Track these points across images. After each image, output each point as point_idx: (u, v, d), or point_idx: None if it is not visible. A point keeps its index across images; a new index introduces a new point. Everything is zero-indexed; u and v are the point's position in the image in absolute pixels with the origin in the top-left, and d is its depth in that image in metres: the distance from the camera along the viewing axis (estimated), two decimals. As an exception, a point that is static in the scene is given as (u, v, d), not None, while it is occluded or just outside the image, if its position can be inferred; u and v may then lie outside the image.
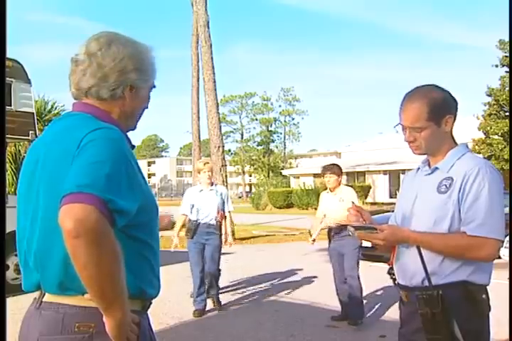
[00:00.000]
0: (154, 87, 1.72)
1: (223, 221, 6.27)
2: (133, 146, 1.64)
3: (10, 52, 6.21)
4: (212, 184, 6.22)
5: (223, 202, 6.27)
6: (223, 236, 6.32)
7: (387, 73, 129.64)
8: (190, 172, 28.07)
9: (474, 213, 1.99)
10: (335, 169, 5.79)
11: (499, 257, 8.03)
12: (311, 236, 6.18)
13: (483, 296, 2.04)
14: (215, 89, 15.36)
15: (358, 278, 5.66)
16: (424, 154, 2.20)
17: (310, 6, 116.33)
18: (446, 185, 2.06)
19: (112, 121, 1.58)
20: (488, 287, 2.11)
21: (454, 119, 2.13)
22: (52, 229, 1.32)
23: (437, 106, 2.07)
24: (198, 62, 19.18)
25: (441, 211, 2.04)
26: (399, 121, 2.15)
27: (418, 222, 2.10)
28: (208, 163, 6.17)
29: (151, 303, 1.63)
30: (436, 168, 2.14)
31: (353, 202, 2.32)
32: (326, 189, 5.96)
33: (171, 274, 8.17)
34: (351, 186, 6.88)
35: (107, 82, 1.58)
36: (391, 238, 2.06)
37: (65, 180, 1.36)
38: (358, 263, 5.72)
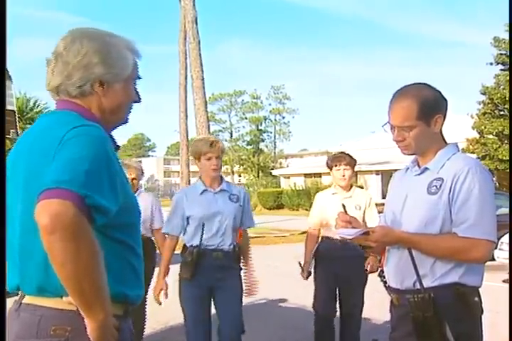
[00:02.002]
0: (139, 78, 1.72)
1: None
2: (117, 147, 1.65)
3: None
4: (222, 180, 3.69)
5: (242, 213, 3.68)
6: (243, 273, 3.79)
7: (380, 71, 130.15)
8: (178, 172, 28.02)
9: (465, 214, 2.01)
10: (349, 159, 4.17)
11: (493, 259, 8.08)
12: (302, 269, 4.33)
13: (476, 298, 2.06)
14: (204, 87, 15.37)
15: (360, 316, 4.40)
16: (413, 154, 2.22)
17: (302, 1, 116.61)
18: (436, 186, 2.08)
19: (94, 118, 1.59)
20: (482, 290, 2.14)
21: (444, 119, 2.15)
22: (32, 228, 1.33)
23: (427, 105, 2.08)
24: (185, 59, 19.19)
25: (432, 212, 2.06)
26: (387, 120, 2.16)
27: (408, 224, 2.12)
28: (216, 142, 3.60)
29: (133, 308, 1.63)
30: (426, 169, 2.16)
31: (343, 207, 2.33)
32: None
33: (155, 276, 8.12)
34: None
35: (71, 79, 1.58)
36: (383, 239, 2.08)
37: (43, 176, 1.37)
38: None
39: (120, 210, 1.46)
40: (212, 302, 3.67)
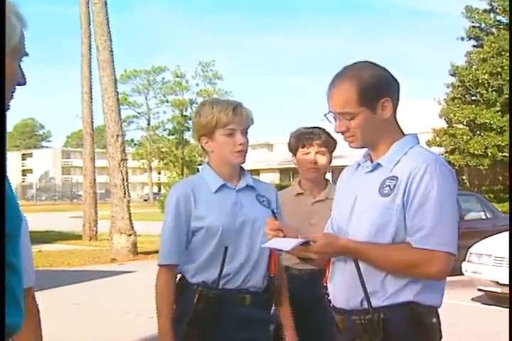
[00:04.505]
0: (26, 55, 1.68)
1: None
2: None
3: None
4: (243, 171, 2.86)
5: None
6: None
7: (333, 45, 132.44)
8: (80, 168, 27.39)
9: (420, 221, 2.05)
10: (325, 137, 3.40)
11: (461, 273, 8.36)
12: None
13: (433, 320, 2.12)
14: (113, 61, 15.12)
15: None
16: (362, 147, 2.26)
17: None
18: (389, 186, 2.11)
19: None
20: (447, 309, 2.21)
21: (396, 103, 2.19)
22: None
23: (369, 88, 2.13)
24: (89, 24, 18.77)
25: (384, 217, 2.10)
26: (329, 109, 2.20)
27: (357, 231, 2.15)
28: (241, 106, 2.76)
29: (9, 339, 1.60)
30: (379, 165, 2.20)
31: (273, 212, 2.30)
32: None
33: (53, 301, 7.99)
34: (285, 186, 4.95)
35: None
36: (326, 249, 2.11)
37: None
38: None
39: None
40: None
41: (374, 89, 2.14)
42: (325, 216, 2.97)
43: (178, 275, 2.70)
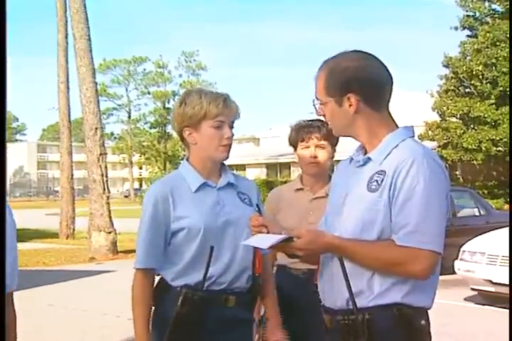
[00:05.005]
0: None
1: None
2: None
3: None
4: (223, 167, 2.86)
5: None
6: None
7: (322, 35, 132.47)
8: (57, 162, 27.25)
9: (405, 217, 2.04)
10: (325, 130, 3.26)
11: (454, 272, 8.39)
12: None
13: (422, 322, 2.11)
14: (91, 50, 15.04)
15: None
16: (341, 136, 2.35)
17: None
18: (377, 181, 2.11)
19: None
20: (438, 310, 2.20)
21: (368, 102, 2.17)
22: None
23: (334, 80, 2.17)
24: (65, 11, 18.63)
25: (371, 214, 2.09)
26: None
27: (344, 228, 2.15)
28: (229, 98, 2.78)
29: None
30: (369, 159, 2.20)
31: (257, 207, 2.28)
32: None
33: (29, 301, 7.95)
34: (272, 182, 4.79)
35: None
36: (310, 246, 2.09)
37: None
38: None
39: None
40: None
41: (339, 82, 2.17)
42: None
43: (157, 278, 2.68)
